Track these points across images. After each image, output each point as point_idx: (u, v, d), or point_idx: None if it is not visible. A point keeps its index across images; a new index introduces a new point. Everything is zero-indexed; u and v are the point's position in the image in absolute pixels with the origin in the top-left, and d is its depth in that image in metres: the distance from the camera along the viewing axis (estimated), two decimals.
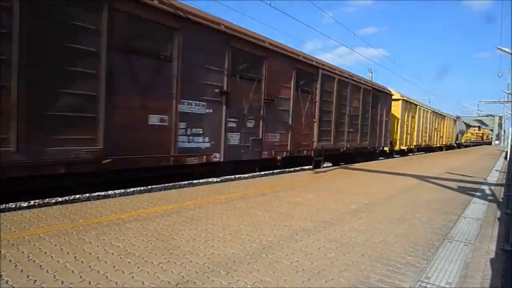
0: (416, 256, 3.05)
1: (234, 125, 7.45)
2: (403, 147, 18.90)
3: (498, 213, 4.93)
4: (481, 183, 8.16)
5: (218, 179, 8.01)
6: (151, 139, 5.79)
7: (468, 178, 9.11)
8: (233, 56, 7.25)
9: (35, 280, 2.29)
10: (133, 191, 6.59)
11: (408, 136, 19.66)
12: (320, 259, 2.87)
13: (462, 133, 42.69)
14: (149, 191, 6.40)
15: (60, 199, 6.81)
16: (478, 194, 6.54)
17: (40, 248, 2.87)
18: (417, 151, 22.69)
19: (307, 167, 11.01)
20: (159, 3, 5.69)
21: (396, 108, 17.82)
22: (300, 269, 2.65)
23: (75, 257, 2.71)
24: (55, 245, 2.95)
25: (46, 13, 4.38)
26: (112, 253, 2.83)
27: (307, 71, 9.88)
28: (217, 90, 6.93)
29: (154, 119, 5.82)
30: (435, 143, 26.86)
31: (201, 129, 6.66)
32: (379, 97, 15.03)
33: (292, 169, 10.56)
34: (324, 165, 11.06)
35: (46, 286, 2.23)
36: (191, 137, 6.49)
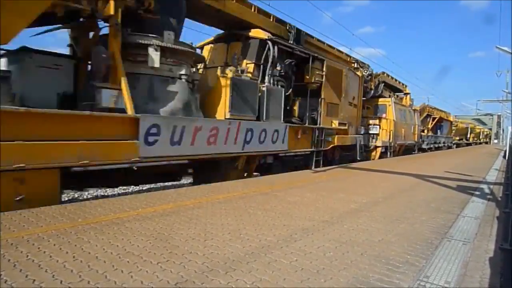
0: (415, 255, 3.05)
1: None
2: None
3: (497, 212, 4.93)
4: (480, 182, 8.17)
5: None
6: None
7: (467, 177, 9.12)
8: None
9: (34, 280, 2.29)
10: (132, 190, 6.60)
11: None
12: (319, 259, 2.88)
13: None
14: (148, 190, 6.40)
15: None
16: (477, 193, 6.54)
17: (39, 248, 2.86)
18: None
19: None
20: None
21: None
22: (299, 269, 2.65)
23: (74, 256, 2.71)
24: (54, 245, 2.95)
25: None
26: (111, 253, 2.82)
27: None
28: None
29: None
30: None
31: None
32: None
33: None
34: None
35: (45, 286, 2.22)
36: None
